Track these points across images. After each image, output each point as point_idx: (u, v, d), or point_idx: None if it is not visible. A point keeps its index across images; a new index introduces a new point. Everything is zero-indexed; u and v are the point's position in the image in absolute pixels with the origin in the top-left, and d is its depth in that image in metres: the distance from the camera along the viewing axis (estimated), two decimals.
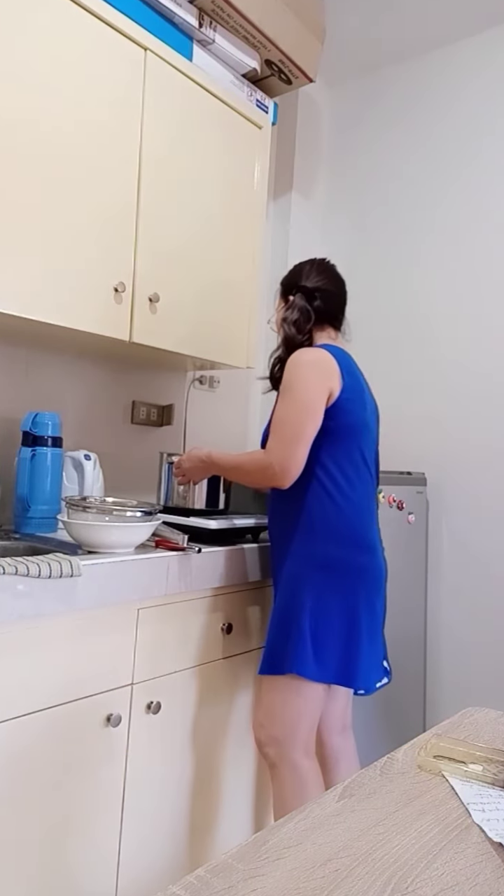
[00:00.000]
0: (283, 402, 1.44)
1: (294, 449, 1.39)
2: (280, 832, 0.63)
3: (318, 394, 1.42)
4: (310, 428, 1.41)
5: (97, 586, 1.29)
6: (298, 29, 2.06)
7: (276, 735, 1.45)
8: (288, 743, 1.44)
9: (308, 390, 1.42)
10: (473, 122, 2.33)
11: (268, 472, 1.41)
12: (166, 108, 1.76)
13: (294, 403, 1.42)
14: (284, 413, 1.42)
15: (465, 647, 2.26)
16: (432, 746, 0.83)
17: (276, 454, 1.40)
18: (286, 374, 1.46)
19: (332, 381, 1.44)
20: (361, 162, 2.61)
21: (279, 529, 1.54)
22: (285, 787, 1.43)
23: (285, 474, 1.40)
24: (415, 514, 2.24)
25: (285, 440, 1.40)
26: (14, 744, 1.19)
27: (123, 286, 1.65)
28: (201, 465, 1.61)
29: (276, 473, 1.40)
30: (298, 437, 1.40)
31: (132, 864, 1.41)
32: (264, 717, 1.47)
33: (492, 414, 2.24)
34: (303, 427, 1.40)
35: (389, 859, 0.59)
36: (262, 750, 1.49)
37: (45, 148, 1.49)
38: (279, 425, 1.42)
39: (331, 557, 1.45)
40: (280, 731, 1.44)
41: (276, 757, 1.45)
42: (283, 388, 1.45)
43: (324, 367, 1.44)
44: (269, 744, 1.46)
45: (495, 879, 0.57)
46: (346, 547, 1.46)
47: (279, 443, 1.41)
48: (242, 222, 2.02)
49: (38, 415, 1.61)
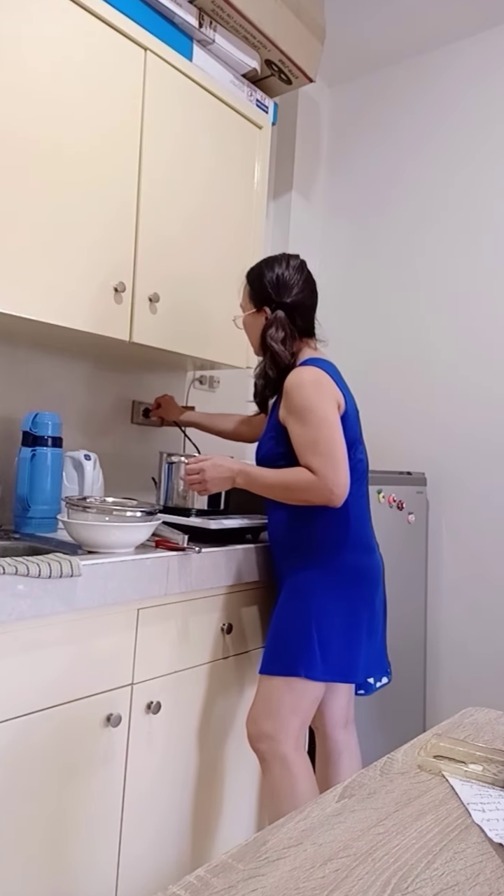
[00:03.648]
0: (305, 425, 1.43)
1: (342, 468, 1.40)
2: (280, 832, 0.63)
3: (333, 411, 1.44)
4: (342, 444, 1.42)
5: (97, 586, 1.29)
6: (298, 29, 2.06)
7: (268, 730, 1.46)
8: (280, 738, 1.45)
9: (325, 408, 1.43)
10: (473, 123, 2.33)
11: (323, 493, 1.40)
12: (166, 108, 1.76)
13: (319, 423, 1.42)
14: (314, 434, 1.42)
15: (465, 647, 2.26)
16: (432, 746, 0.83)
17: (329, 476, 1.39)
18: (295, 397, 1.45)
19: (337, 396, 1.48)
20: (361, 162, 2.61)
21: (284, 536, 1.55)
22: (276, 782, 1.45)
23: (340, 492, 1.40)
24: (415, 514, 2.24)
25: (331, 462, 1.40)
26: (14, 744, 1.19)
27: (123, 286, 1.65)
28: (229, 475, 1.52)
29: (333, 494, 1.40)
30: (339, 455, 1.41)
31: (132, 864, 1.41)
32: (258, 714, 1.49)
33: (492, 414, 2.24)
34: (339, 445, 1.42)
35: (389, 859, 0.59)
36: (254, 745, 1.50)
37: (45, 148, 1.49)
38: (316, 447, 1.41)
39: (335, 562, 1.49)
40: (272, 727, 1.46)
41: (268, 752, 1.46)
42: (299, 411, 1.44)
43: (328, 386, 1.46)
44: (260, 739, 1.48)
45: (495, 879, 0.57)
46: (349, 551, 1.50)
47: (325, 464, 1.40)
48: (243, 222, 2.02)
49: (38, 415, 1.61)
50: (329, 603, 1.47)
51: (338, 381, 1.51)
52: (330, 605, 1.47)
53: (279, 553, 1.57)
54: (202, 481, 1.52)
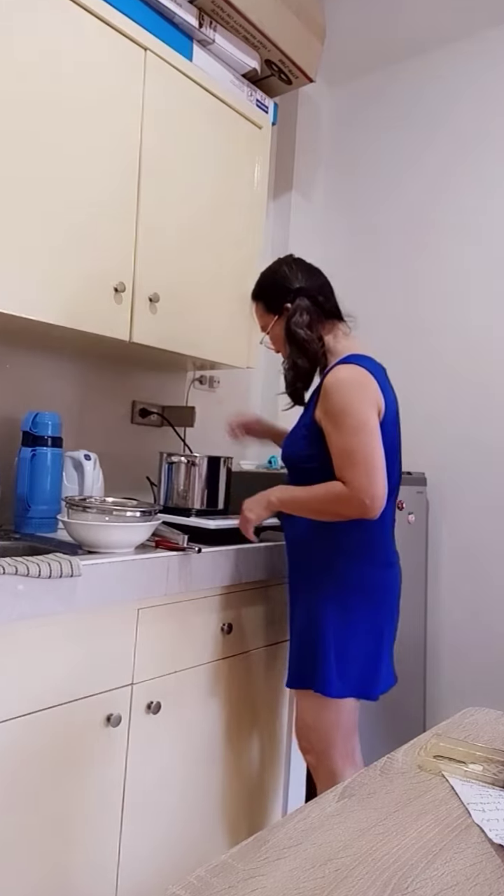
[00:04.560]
0: (341, 431, 1.35)
1: (377, 478, 1.33)
2: (280, 832, 0.63)
3: (372, 416, 1.36)
4: (380, 451, 1.34)
5: (97, 586, 1.29)
6: (298, 29, 2.06)
7: (314, 745, 1.46)
8: (326, 752, 1.44)
9: (364, 412, 1.34)
10: (474, 123, 2.33)
11: (357, 505, 1.33)
12: (166, 108, 1.76)
13: (356, 430, 1.34)
14: (350, 442, 1.34)
15: (465, 647, 2.26)
16: (432, 746, 0.83)
17: (363, 487, 1.32)
18: (333, 398, 1.36)
19: (378, 399, 1.39)
20: (361, 162, 2.61)
21: (303, 546, 1.50)
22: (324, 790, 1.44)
23: (376, 504, 1.33)
24: (415, 514, 2.24)
25: (365, 470, 1.32)
26: (14, 744, 1.19)
27: (123, 286, 1.65)
28: (264, 496, 1.49)
29: (367, 506, 1.32)
30: (376, 465, 1.33)
31: (132, 864, 1.41)
32: (301, 728, 1.49)
33: (492, 414, 2.24)
34: (376, 453, 1.34)
35: (389, 859, 0.59)
36: (304, 756, 1.50)
37: (45, 148, 1.49)
38: (351, 456, 1.34)
39: (356, 576, 1.43)
40: (317, 742, 1.45)
41: (316, 763, 1.47)
42: (334, 415, 1.36)
43: (368, 387, 1.37)
44: (307, 751, 1.49)
45: (495, 879, 0.57)
46: (371, 565, 1.44)
47: (360, 475, 1.32)
48: (242, 222, 2.02)
49: (38, 415, 1.61)
50: (346, 618, 1.41)
51: (381, 382, 1.41)
52: (348, 620, 1.41)
53: (296, 563, 1.52)
54: (242, 515, 1.52)
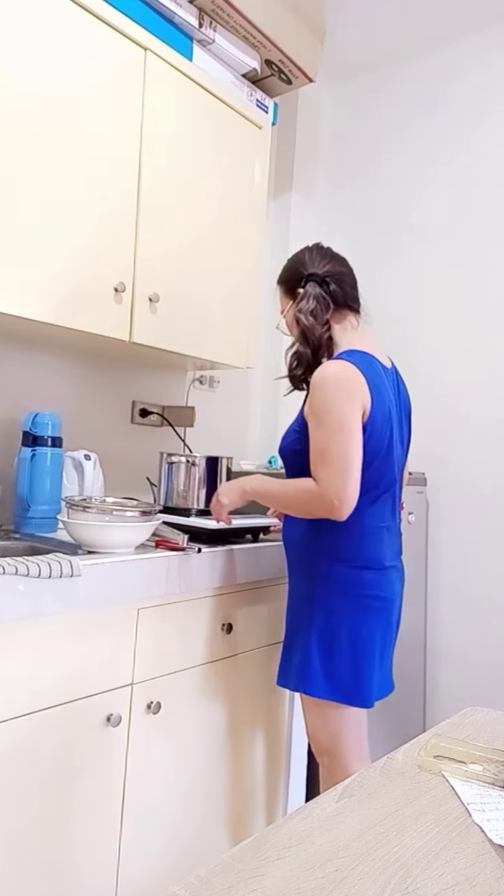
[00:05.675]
0: (320, 428, 1.34)
1: (348, 479, 1.30)
2: (280, 832, 0.63)
3: (354, 415, 1.33)
4: (356, 452, 1.32)
5: (97, 586, 1.29)
6: (298, 29, 2.06)
7: (326, 747, 1.45)
8: (339, 754, 1.43)
9: (344, 412, 1.32)
10: (473, 123, 2.33)
11: (325, 504, 1.31)
12: (166, 108, 1.76)
13: (334, 429, 1.32)
14: (326, 440, 1.32)
15: (465, 647, 2.26)
16: (432, 746, 0.83)
17: (331, 486, 1.30)
18: (316, 395, 1.35)
19: (364, 398, 1.35)
20: (361, 162, 2.61)
21: (295, 547, 1.49)
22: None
23: (344, 506, 1.31)
24: (415, 514, 2.24)
25: (337, 471, 1.30)
26: (14, 744, 1.19)
27: (123, 286, 1.65)
28: (238, 485, 1.50)
29: (335, 506, 1.31)
30: (349, 466, 1.31)
31: (132, 864, 1.41)
32: (311, 731, 1.47)
33: (492, 414, 2.24)
34: (351, 454, 1.31)
35: (389, 859, 0.59)
36: (317, 757, 1.49)
37: (45, 148, 1.49)
38: (324, 454, 1.32)
39: (341, 578, 1.40)
40: (328, 744, 1.44)
41: (330, 765, 1.46)
42: (316, 412, 1.35)
43: (353, 385, 1.34)
44: (320, 753, 1.47)
45: (495, 879, 0.57)
46: (355, 567, 1.41)
47: (331, 475, 1.30)
48: (242, 222, 2.02)
49: (38, 415, 1.61)
50: (330, 620, 1.39)
51: (373, 381, 1.37)
52: (332, 622, 1.39)
53: (289, 563, 1.51)
54: (216, 498, 1.53)
